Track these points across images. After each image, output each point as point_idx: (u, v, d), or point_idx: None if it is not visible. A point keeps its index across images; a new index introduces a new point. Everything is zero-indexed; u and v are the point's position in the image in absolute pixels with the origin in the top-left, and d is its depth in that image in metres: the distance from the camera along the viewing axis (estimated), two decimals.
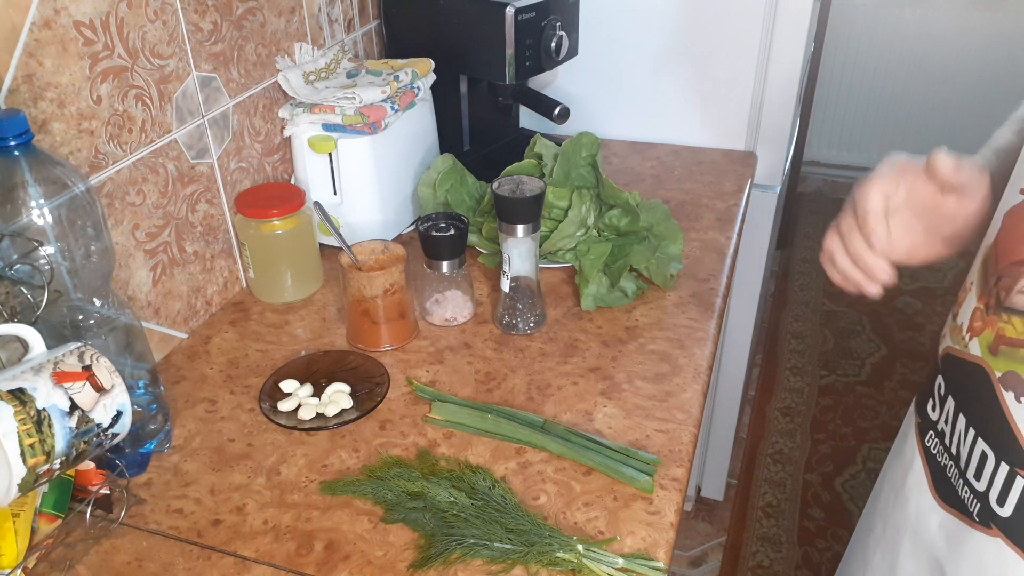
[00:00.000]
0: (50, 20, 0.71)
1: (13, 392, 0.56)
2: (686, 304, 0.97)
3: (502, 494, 0.69)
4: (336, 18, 1.18)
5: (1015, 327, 0.49)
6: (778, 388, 2.28)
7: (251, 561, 0.66)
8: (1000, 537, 0.51)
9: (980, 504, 0.53)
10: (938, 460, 0.58)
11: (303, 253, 1.00)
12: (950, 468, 0.56)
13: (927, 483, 0.60)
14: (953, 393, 0.56)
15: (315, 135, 1.04)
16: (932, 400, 0.59)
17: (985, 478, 0.52)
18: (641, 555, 0.64)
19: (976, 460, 0.53)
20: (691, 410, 0.80)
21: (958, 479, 0.55)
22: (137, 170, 0.83)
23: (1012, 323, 0.49)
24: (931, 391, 0.60)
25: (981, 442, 0.52)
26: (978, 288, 0.54)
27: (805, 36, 1.29)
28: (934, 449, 0.59)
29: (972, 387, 0.53)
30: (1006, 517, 0.51)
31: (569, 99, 1.41)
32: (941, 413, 0.58)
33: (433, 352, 0.90)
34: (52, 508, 0.66)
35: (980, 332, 0.52)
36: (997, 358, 0.50)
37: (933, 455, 0.59)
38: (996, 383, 0.50)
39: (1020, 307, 0.48)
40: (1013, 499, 0.50)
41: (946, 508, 0.57)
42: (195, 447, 0.78)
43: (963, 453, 0.54)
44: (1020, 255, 0.49)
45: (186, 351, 0.92)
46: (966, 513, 0.54)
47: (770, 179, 1.41)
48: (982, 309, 0.53)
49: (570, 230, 1.00)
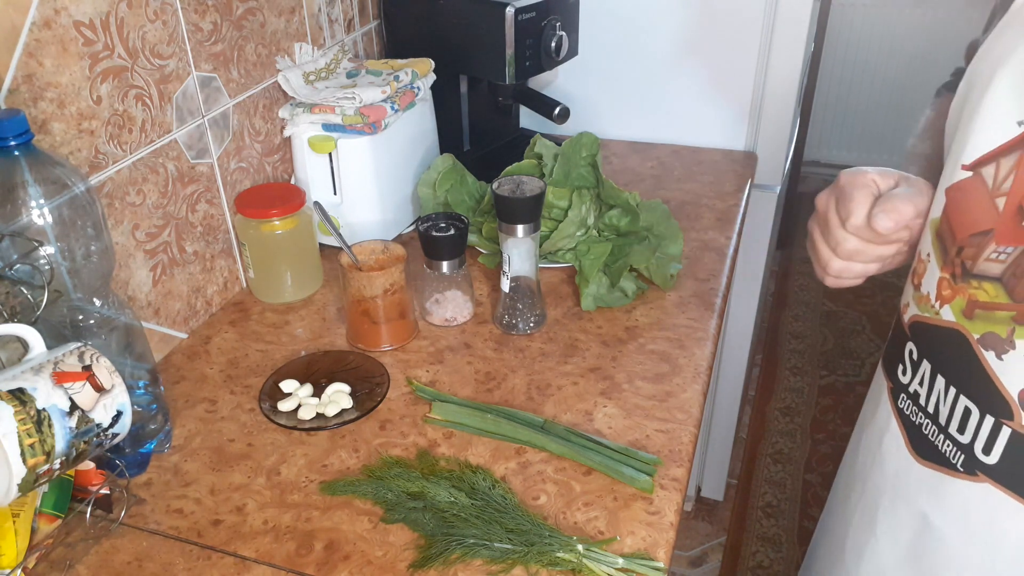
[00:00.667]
0: (50, 20, 0.71)
1: (13, 392, 0.56)
2: (686, 304, 0.97)
3: (502, 494, 0.69)
4: (336, 18, 1.18)
5: (987, 292, 0.53)
6: (778, 388, 2.29)
7: (251, 561, 0.66)
8: (988, 482, 0.56)
9: (964, 455, 0.57)
10: (912, 420, 0.62)
11: (303, 253, 1.00)
12: (927, 426, 0.60)
13: (904, 442, 0.63)
14: (928, 357, 0.60)
15: (315, 135, 1.04)
16: (902, 365, 0.63)
17: (969, 431, 0.56)
18: (641, 555, 0.64)
19: (959, 415, 0.57)
20: (691, 410, 0.80)
21: (937, 435, 0.59)
22: (137, 170, 0.83)
23: (984, 288, 0.53)
24: (900, 356, 0.63)
25: (964, 399, 0.56)
26: (938, 259, 0.57)
27: (805, 36, 1.29)
28: (907, 410, 0.63)
29: (949, 350, 0.57)
30: (993, 464, 0.55)
31: (569, 99, 1.41)
32: (914, 376, 0.61)
33: (433, 352, 0.90)
34: (52, 508, 0.66)
35: (951, 299, 0.56)
36: (974, 321, 0.54)
37: (907, 415, 0.63)
38: (975, 344, 0.54)
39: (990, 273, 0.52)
40: (999, 447, 0.54)
41: (924, 463, 0.61)
42: (195, 447, 0.78)
43: (943, 411, 0.58)
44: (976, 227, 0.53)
45: (186, 351, 0.92)
46: (948, 465, 0.59)
47: (770, 179, 1.41)
48: (948, 278, 0.56)
49: (570, 230, 1.00)
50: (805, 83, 1.79)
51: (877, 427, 0.68)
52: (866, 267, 0.64)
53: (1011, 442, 0.54)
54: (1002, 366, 0.53)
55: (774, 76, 1.32)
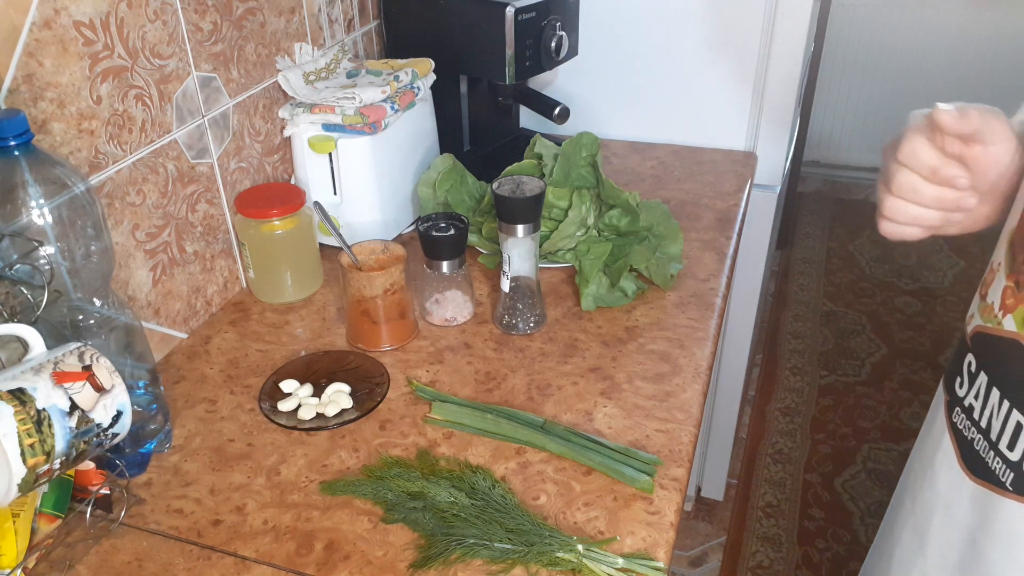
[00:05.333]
0: (50, 20, 0.71)
1: (13, 392, 0.56)
2: (686, 304, 0.97)
3: (502, 494, 0.69)
4: (336, 18, 1.18)
5: None
6: (778, 388, 2.28)
7: (251, 561, 0.66)
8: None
9: (1014, 474, 0.55)
10: (965, 435, 0.60)
11: (303, 253, 1.00)
12: (978, 442, 0.58)
13: (956, 458, 0.61)
14: (985, 368, 0.57)
15: (315, 135, 1.04)
16: (960, 378, 0.61)
17: (1019, 448, 0.54)
18: (641, 555, 0.64)
19: (1010, 431, 0.54)
20: (691, 410, 0.80)
21: (987, 451, 0.57)
22: (137, 170, 0.83)
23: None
24: (959, 369, 0.61)
25: (1016, 413, 0.54)
26: (1006, 268, 0.55)
27: (805, 36, 1.29)
28: (960, 424, 0.60)
29: (1007, 361, 0.55)
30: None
31: (569, 99, 1.41)
32: (971, 389, 0.59)
33: (433, 352, 0.90)
34: (52, 508, 0.66)
35: (1013, 309, 0.54)
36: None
37: (960, 430, 0.60)
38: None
39: None
40: None
41: (976, 480, 0.59)
42: (195, 447, 0.78)
43: (995, 425, 0.56)
44: None
45: (186, 351, 0.92)
46: (997, 484, 0.56)
47: (770, 179, 1.41)
48: (1013, 287, 0.54)
49: (570, 230, 1.00)
50: (805, 83, 1.79)
51: (931, 442, 0.66)
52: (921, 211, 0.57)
53: None
54: None
55: (774, 76, 1.32)
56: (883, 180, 0.59)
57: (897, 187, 0.57)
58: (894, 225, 0.59)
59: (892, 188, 0.57)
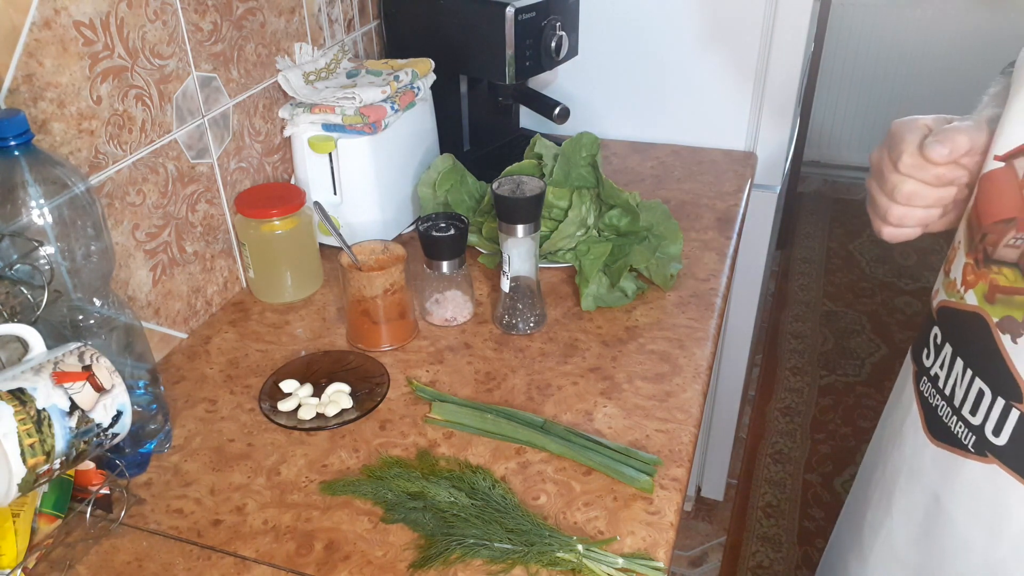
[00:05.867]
0: (50, 20, 0.71)
1: (13, 392, 0.56)
2: (686, 304, 0.97)
3: (502, 494, 0.69)
4: (336, 18, 1.18)
5: (1007, 276, 0.55)
6: (778, 388, 2.29)
7: (251, 561, 0.66)
8: (996, 463, 0.58)
9: (975, 436, 0.59)
10: (930, 402, 0.64)
11: (303, 253, 1.00)
12: (942, 408, 0.62)
13: (921, 424, 0.65)
14: (950, 340, 0.61)
15: (315, 135, 1.04)
16: (927, 349, 0.65)
17: (981, 413, 0.58)
18: (641, 555, 0.64)
19: (972, 397, 0.59)
20: (691, 410, 0.80)
21: (950, 416, 0.61)
22: (137, 170, 0.83)
23: (1003, 273, 0.55)
24: (926, 341, 0.65)
25: (978, 381, 0.58)
26: (966, 246, 0.59)
27: (805, 36, 1.29)
28: (926, 393, 0.65)
29: (970, 333, 0.59)
30: (1002, 445, 0.57)
31: (569, 99, 1.41)
32: (936, 359, 0.63)
33: (433, 352, 0.90)
34: (52, 508, 0.66)
35: (974, 284, 0.58)
36: (994, 305, 0.56)
37: (926, 398, 0.65)
38: (994, 327, 0.56)
39: (1008, 259, 0.54)
40: (1008, 429, 0.56)
41: (938, 443, 0.63)
42: (195, 447, 0.78)
43: (959, 393, 0.60)
44: (1001, 215, 0.55)
45: (186, 351, 0.92)
46: (959, 446, 0.61)
47: (770, 179, 1.41)
48: (972, 264, 0.58)
49: (570, 230, 1.00)
50: (805, 83, 1.79)
51: (900, 410, 0.70)
52: (927, 212, 0.60)
53: (1019, 424, 0.55)
54: (1016, 349, 0.54)
55: (774, 76, 1.32)
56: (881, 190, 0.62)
57: (905, 196, 0.60)
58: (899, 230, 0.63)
59: (898, 197, 0.60)
